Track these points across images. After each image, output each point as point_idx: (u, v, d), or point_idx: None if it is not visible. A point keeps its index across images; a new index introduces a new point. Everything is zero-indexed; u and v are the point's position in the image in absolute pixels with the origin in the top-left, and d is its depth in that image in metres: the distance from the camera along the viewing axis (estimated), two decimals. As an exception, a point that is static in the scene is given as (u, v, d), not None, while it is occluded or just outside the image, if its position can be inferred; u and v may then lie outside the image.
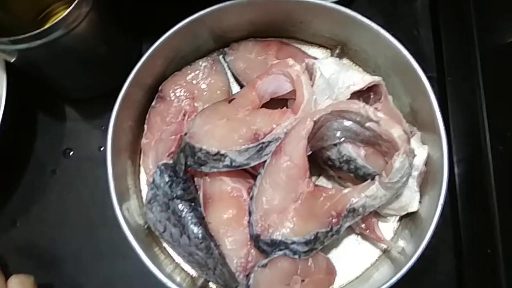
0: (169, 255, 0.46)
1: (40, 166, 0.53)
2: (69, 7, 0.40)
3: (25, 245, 0.51)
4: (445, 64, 0.52)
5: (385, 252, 0.46)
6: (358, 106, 0.39)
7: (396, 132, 0.38)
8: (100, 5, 0.44)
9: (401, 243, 0.44)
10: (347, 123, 0.40)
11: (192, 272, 0.45)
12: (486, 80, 0.44)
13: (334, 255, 0.45)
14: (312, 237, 0.38)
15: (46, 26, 0.39)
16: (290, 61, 0.44)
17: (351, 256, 0.46)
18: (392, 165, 0.38)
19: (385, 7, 0.57)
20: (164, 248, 0.46)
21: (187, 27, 0.46)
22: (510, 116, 0.43)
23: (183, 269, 0.46)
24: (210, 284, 0.45)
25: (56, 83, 0.52)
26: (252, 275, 0.38)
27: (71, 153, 0.54)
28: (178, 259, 0.46)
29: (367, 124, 0.39)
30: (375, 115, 0.38)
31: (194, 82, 0.49)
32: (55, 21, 0.40)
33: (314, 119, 0.40)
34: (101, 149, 0.53)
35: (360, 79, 0.45)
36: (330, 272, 0.41)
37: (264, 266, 0.38)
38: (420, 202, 0.44)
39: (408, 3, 0.57)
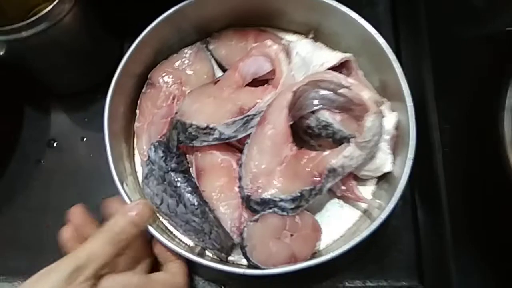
0: (166, 229, 0.49)
1: (25, 156, 0.57)
2: (54, 3, 0.45)
3: (10, 231, 0.53)
4: (402, 53, 0.57)
5: (365, 212, 0.50)
6: (331, 75, 0.44)
7: (366, 94, 0.42)
8: (83, 1, 0.48)
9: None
10: (323, 92, 0.45)
11: (189, 242, 0.49)
12: (435, 67, 0.50)
13: (319, 219, 0.49)
14: (298, 195, 0.42)
15: (33, 19, 0.43)
16: (269, 42, 0.48)
17: (335, 218, 0.50)
18: (364, 125, 0.42)
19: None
20: (161, 223, 0.50)
21: (170, 18, 0.51)
22: (455, 97, 0.49)
23: (180, 241, 0.49)
24: (207, 252, 0.49)
25: (42, 77, 0.56)
26: (245, 229, 0.42)
27: (55, 144, 0.57)
28: (174, 232, 0.49)
29: (340, 91, 0.44)
30: (346, 81, 0.43)
31: (181, 68, 0.53)
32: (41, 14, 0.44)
33: (293, 90, 0.44)
34: (84, 139, 0.57)
35: (333, 56, 0.50)
36: (316, 229, 0.45)
37: (256, 220, 0.42)
38: (393, 163, 0.49)
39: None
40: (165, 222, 0.49)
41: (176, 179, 0.45)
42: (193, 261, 0.43)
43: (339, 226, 0.49)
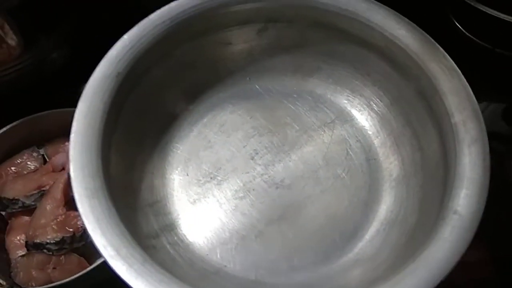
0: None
1: None
2: None
3: None
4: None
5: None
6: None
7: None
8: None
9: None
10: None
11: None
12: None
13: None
14: (59, 240, 0.63)
15: None
16: (66, 142, 0.73)
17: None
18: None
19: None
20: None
21: (13, 127, 0.76)
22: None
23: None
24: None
25: None
26: (13, 261, 0.62)
27: None
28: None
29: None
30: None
31: (21, 164, 0.78)
32: None
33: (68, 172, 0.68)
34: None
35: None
36: (81, 265, 0.65)
37: (22, 256, 0.62)
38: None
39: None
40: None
41: (-9, 234, 0.67)
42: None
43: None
